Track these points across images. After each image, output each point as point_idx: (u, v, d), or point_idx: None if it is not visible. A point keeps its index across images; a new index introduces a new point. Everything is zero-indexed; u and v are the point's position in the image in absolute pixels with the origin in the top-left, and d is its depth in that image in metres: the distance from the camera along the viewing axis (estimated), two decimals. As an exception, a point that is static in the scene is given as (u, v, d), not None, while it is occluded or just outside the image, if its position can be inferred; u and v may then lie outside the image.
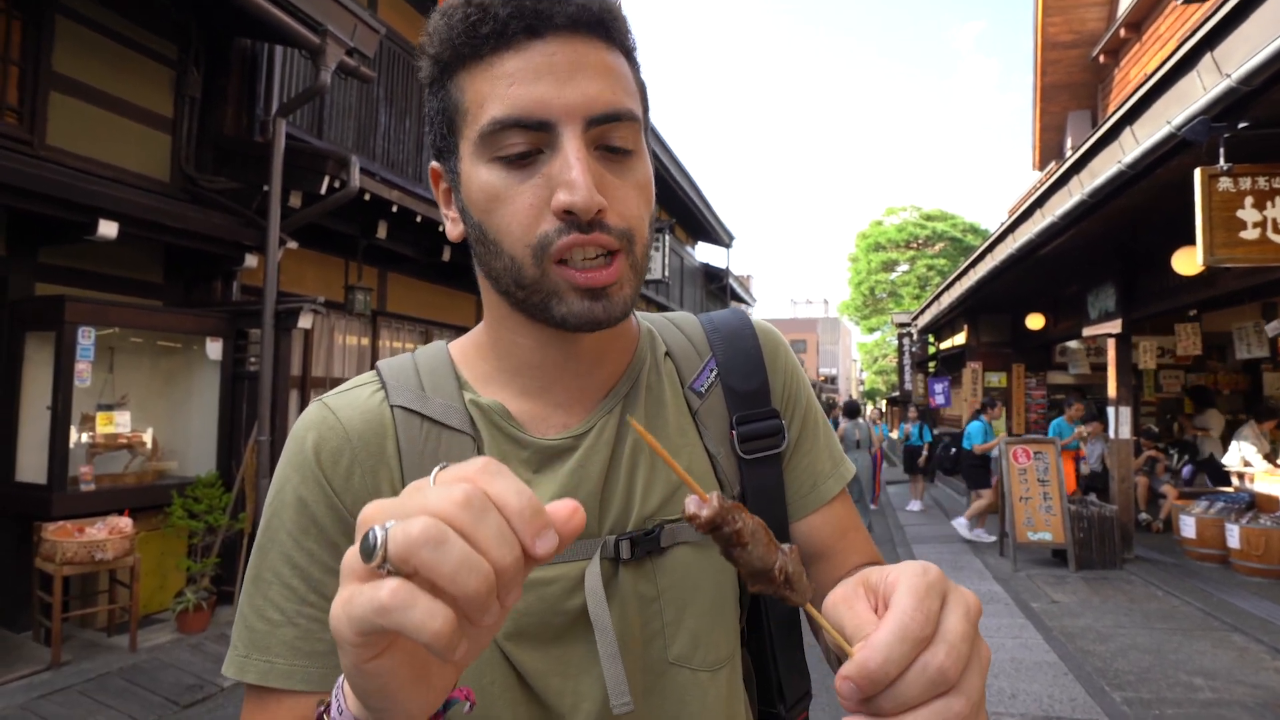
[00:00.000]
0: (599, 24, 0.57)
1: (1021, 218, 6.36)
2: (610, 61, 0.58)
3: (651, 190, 0.62)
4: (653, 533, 0.63)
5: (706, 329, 0.76)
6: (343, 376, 6.57)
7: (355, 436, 0.61)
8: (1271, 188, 3.78)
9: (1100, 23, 10.26)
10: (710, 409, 0.71)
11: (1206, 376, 9.76)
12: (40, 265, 4.39)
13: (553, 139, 0.55)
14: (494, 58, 0.55)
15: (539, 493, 0.61)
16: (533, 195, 0.55)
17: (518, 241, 0.56)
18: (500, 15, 0.55)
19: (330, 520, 0.59)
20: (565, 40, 0.55)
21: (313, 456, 0.60)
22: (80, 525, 3.99)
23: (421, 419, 0.62)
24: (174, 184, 5.00)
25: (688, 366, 0.72)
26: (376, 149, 6.47)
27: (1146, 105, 4.06)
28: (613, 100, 0.56)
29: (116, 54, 4.69)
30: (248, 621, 0.58)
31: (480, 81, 0.56)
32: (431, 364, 0.67)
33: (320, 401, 0.64)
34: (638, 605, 0.62)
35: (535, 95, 0.54)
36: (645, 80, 0.64)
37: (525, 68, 0.54)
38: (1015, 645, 4.67)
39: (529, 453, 0.62)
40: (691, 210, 15.79)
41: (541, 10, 0.55)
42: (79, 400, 4.24)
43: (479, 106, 0.56)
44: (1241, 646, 4.53)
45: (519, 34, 0.55)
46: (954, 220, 32.39)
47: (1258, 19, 3.06)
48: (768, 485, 0.71)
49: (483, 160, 0.57)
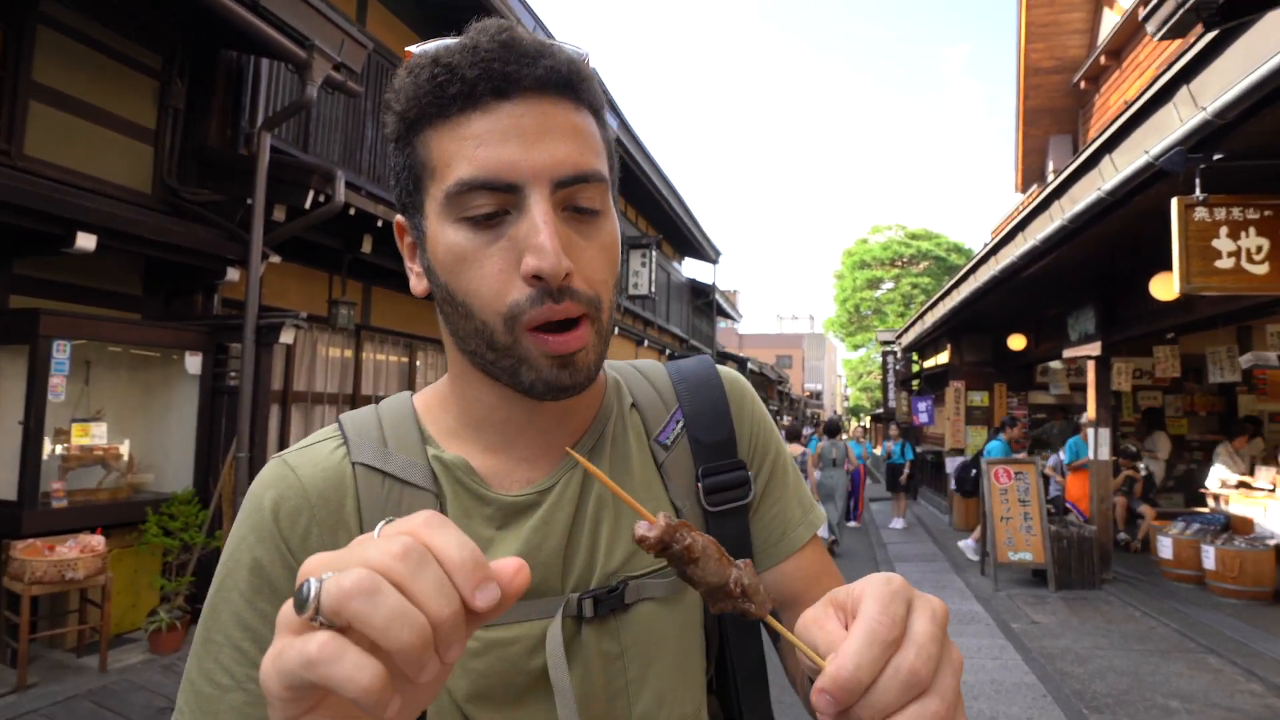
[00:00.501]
0: (567, 85, 0.57)
1: (1004, 240, 6.44)
2: (578, 122, 0.58)
3: (617, 250, 0.62)
4: (616, 589, 0.63)
5: (674, 379, 0.76)
6: (325, 391, 6.51)
7: (314, 495, 0.60)
8: (1246, 218, 3.85)
9: (1081, 50, 10.46)
10: (676, 461, 0.70)
11: (1183, 398, 9.89)
12: (15, 277, 4.32)
13: (520, 200, 0.55)
14: (461, 118, 0.55)
15: (502, 550, 0.61)
16: (501, 259, 0.55)
17: (488, 307, 0.56)
18: (468, 77, 0.54)
19: (286, 582, 0.58)
20: (533, 102, 0.55)
21: (270, 516, 0.59)
22: (50, 543, 3.90)
23: (383, 476, 0.62)
24: (155, 196, 4.95)
25: (654, 418, 0.72)
26: (362, 162, 6.45)
27: (1125, 135, 4.14)
28: (580, 162, 0.56)
29: (99, 64, 4.65)
30: (195, 685, 0.56)
31: (447, 141, 0.55)
32: (395, 418, 0.66)
33: (280, 459, 0.63)
34: (601, 663, 0.62)
35: (503, 157, 0.54)
36: (611, 139, 0.64)
37: (493, 129, 0.54)
38: (996, 666, 4.69)
39: (492, 509, 0.62)
40: (678, 226, 15.85)
41: (510, 73, 0.55)
42: (53, 414, 4.16)
43: (446, 166, 0.55)
44: (1216, 668, 4.57)
45: (486, 95, 0.55)
46: (938, 239, 32.75)
47: (1232, 54, 3.13)
48: (734, 537, 0.70)
49: (449, 220, 0.56)
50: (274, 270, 5.59)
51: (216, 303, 5.20)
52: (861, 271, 33.27)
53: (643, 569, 0.64)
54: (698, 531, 0.43)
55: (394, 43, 7.15)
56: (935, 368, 12.99)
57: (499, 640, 0.59)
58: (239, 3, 4.14)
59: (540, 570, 0.60)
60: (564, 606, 0.61)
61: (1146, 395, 9.91)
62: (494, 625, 0.58)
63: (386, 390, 7.23)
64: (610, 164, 0.62)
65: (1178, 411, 9.87)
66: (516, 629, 0.59)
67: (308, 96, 4.73)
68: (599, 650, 0.61)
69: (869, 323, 32.71)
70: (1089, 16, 10.22)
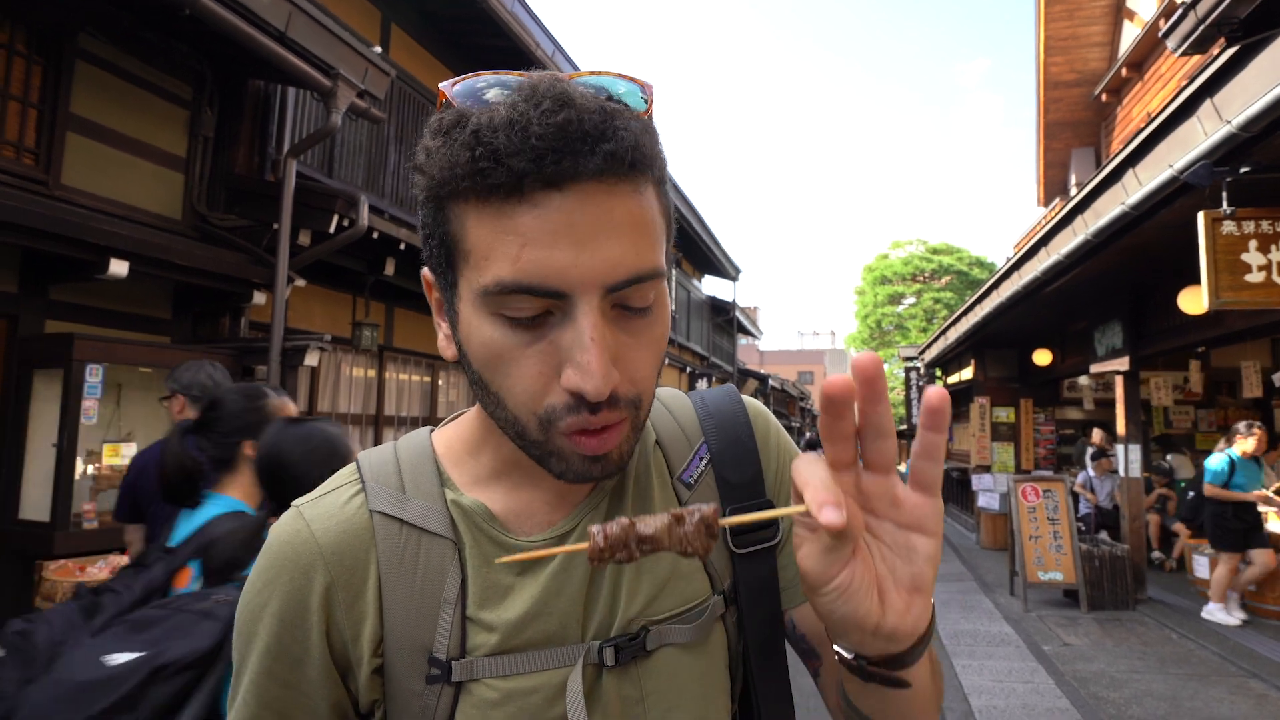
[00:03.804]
0: (631, 167, 0.50)
1: (1027, 255, 6.37)
2: (638, 211, 0.51)
3: (665, 340, 0.57)
4: (638, 636, 0.61)
5: (699, 413, 0.74)
6: (349, 412, 6.58)
7: (329, 552, 0.60)
8: (1275, 231, 3.78)
9: (1102, 63, 10.39)
10: (700, 501, 0.68)
11: (1217, 412, 9.68)
12: (50, 302, 4.44)
13: (566, 306, 0.50)
14: (504, 206, 0.48)
15: (520, 596, 0.60)
16: (540, 362, 0.51)
17: (523, 406, 0.53)
18: (515, 168, 0.47)
19: (294, 641, 0.59)
20: (589, 193, 0.48)
21: (285, 574, 0.60)
22: (81, 564, 3.97)
23: (400, 524, 0.61)
24: (185, 222, 5.07)
25: (677, 456, 0.70)
26: (386, 186, 6.56)
27: (1149, 148, 4.09)
28: (636, 264, 0.50)
29: (133, 96, 4.80)
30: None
31: (486, 230, 0.49)
32: (413, 460, 0.65)
33: (297, 511, 0.62)
34: (620, 709, 0.60)
35: (551, 263, 0.48)
36: (671, 207, 0.57)
37: (542, 229, 0.48)
38: (1026, 691, 4.57)
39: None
40: (698, 244, 15.90)
41: (564, 167, 0.47)
42: (85, 436, 4.25)
43: (483, 258, 0.50)
44: (1261, 693, 4.42)
45: (536, 187, 0.48)
46: (960, 254, 32.49)
47: (1256, 67, 3.09)
48: (761, 579, 0.68)
49: (485, 312, 0.51)
50: (299, 293, 5.68)
51: (243, 326, 5.29)
52: (883, 287, 33.06)
53: (665, 613, 0.63)
54: (639, 520, 0.47)
55: (417, 68, 7.30)
56: (959, 384, 12.84)
57: (519, 690, 0.58)
58: (266, 34, 4.26)
59: (559, 617, 0.60)
60: (584, 655, 0.59)
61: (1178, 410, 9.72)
62: (513, 675, 0.58)
63: (409, 410, 7.29)
64: (669, 238, 0.57)
65: (1211, 426, 9.66)
66: (536, 678, 0.58)
67: (332, 123, 4.83)
68: (619, 696, 0.60)
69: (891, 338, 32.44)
70: (1109, 29, 10.16)
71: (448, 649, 0.57)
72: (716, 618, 0.65)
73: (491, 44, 7.22)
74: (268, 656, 0.58)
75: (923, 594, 0.47)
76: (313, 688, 0.58)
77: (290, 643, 0.58)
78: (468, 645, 0.58)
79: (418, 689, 0.57)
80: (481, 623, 0.58)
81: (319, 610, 0.58)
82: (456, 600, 0.59)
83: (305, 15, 4.44)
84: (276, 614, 0.58)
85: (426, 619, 0.58)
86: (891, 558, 0.47)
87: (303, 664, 0.58)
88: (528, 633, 0.59)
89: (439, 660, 0.57)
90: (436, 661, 0.57)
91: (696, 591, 0.65)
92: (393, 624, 0.58)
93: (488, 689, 0.57)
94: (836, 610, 0.46)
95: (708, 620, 0.64)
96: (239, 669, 0.59)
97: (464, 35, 7.51)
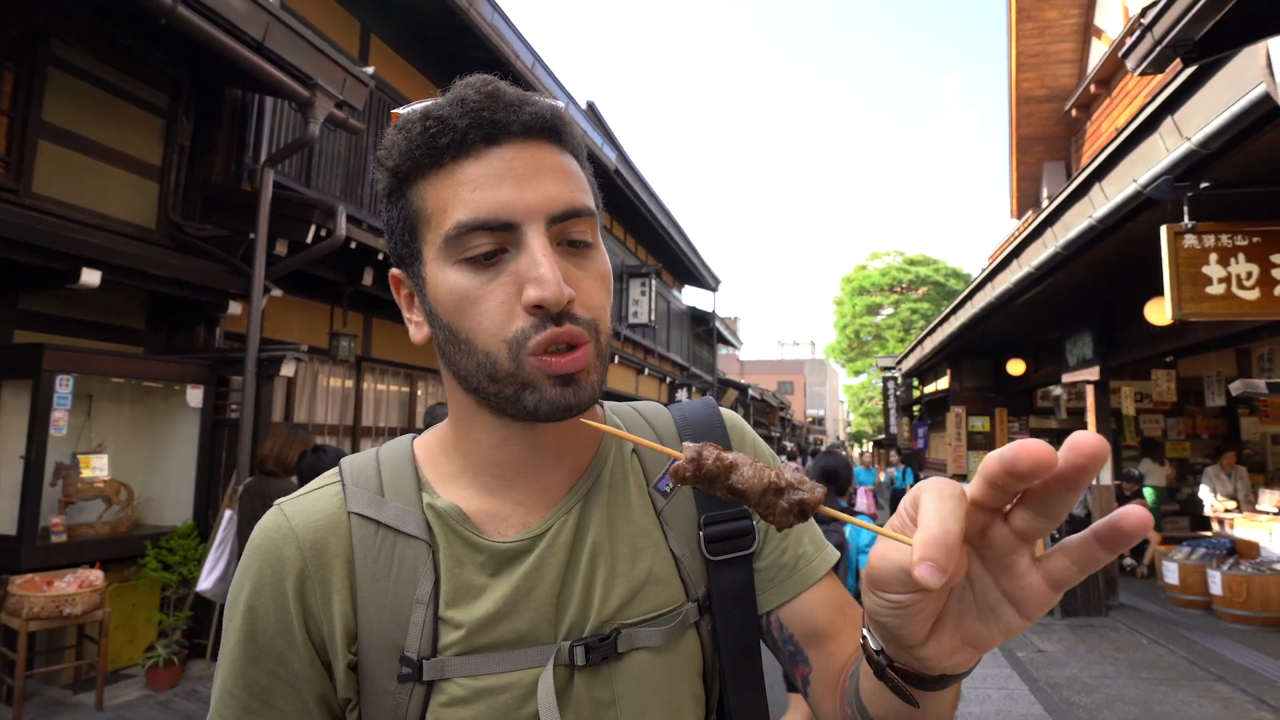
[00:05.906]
0: (552, 130, 0.61)
1: (1000, 266, 6.49)
2: (564, 163, 0.61)
3: (610, 280, 0.64)
4: (609, 638, 0.62)
5: (679, 424, 0.76)
6: (325, 423, 6.53)
7: (308, 547, 0.62)
8: (1234, 245, 3.89)
9: (1071, 79, 10.63)
10: (676, 508, 0.69)
11: (1185, 420, 9.88)
12: (20, 312, 4.37)
13: (517, 238, 0.57)
14: (454, 165, 0.58)
15: (492, 596, 0.61)
16: (502, 293, 0.57)
17: (492, 338, 0.57)
18: (459, 126, 0.57)
19: (276, 632, 0.61)
20: (521, 146, 0.59)
21: (266, 566, 0.62)
22: (49, 578, 3.90)
23: (377, 525, 0.63)
24: (160, 231, 5.02)
25: (654, 465, 0.71)
26: (364, 196, 6.54)
27: (1114, 163, 4.20)
28: (571, 198, 0.59)
29: (107, 103, 4.75)
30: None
31: (442, 189, 0.58)
32: (394, 464, 0.67)
33: (279, 508, 0.65)
34: (592, 711, 0.61)
35: (499, 198, 0.56)
36: (594, 180, 0.67)
37: (486, 173, 0.57)
38: (1001, 697, 4.63)
39: (485, 556, 0.62)
40: (678, 255, 15.97)
41: (499, 120, 0.58)
42: (54, 448, 4.18)
43: (442, 212, 0.58)
44: (1226, 697, 4.51)
45: (478, 142, 0.58)
46: (937, 265, 32.94)
47: (1214, 86, 3.19)
48: (736, 587, 0.69)
49: (449, 263, 0.58)
50: (275, 303, 5.64)
51: (218, 336, 5.24)
52: (861, 298, 33.42)
53: (639, 616, 0.64)
54: (739, 465, 0.48)
55: (395, 78, 7.29)
56: (936, 393, 12.99)
57: (489, 688, 0.59)
58: (244, 44, 4.24)
59: (531, 617, 0.61)
60: (555, 654, 0.60)
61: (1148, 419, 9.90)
62: (484, 674, 0.59)
63: (386, 421, 7.24)
64: (597, 201, 0.65)
65: (1180, 435, 9.85)
66: (507, 677, 0.59)
67: (310, 133, 4.82)
68: (590, 698, 0.61)
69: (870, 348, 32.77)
70: (1078, 46, 10.40)
71: (419, 648, 0.59)
72: (690, 625, 0.66)
73: (471, 55, 7.23)
74: (247, 641, 0.60)
75: (977, 652, 0.44)
76: (298, 680, 0.60)
77: (271, 631, 0.60)
78: (439, 644, 0.60)
79: (390, 687, 0.59)
80: (452, 622, 0.60)
81: (294, 596, 0.60)
82: (429, 600, 0.60)
83: (283, 25, 4.43)
84: (251, 600, 0.61)
85: (399, 618, 0.60)
86: (970, 607, 0.44)
87: (285, 655, 0.60)
88: (498, 631, 0.60)
89: (410, 659, 0.59)
90: (408, 660, 0.59)
91: (671, 598, 0.66)
92: (367, 622, 0.60)
93: (458, 687, 0.59)
94: (882, 614, 0.43)
95: (679, 626, 0.65)
96: (221, 654, 0.61)
97: (443, 46, 7.53)
